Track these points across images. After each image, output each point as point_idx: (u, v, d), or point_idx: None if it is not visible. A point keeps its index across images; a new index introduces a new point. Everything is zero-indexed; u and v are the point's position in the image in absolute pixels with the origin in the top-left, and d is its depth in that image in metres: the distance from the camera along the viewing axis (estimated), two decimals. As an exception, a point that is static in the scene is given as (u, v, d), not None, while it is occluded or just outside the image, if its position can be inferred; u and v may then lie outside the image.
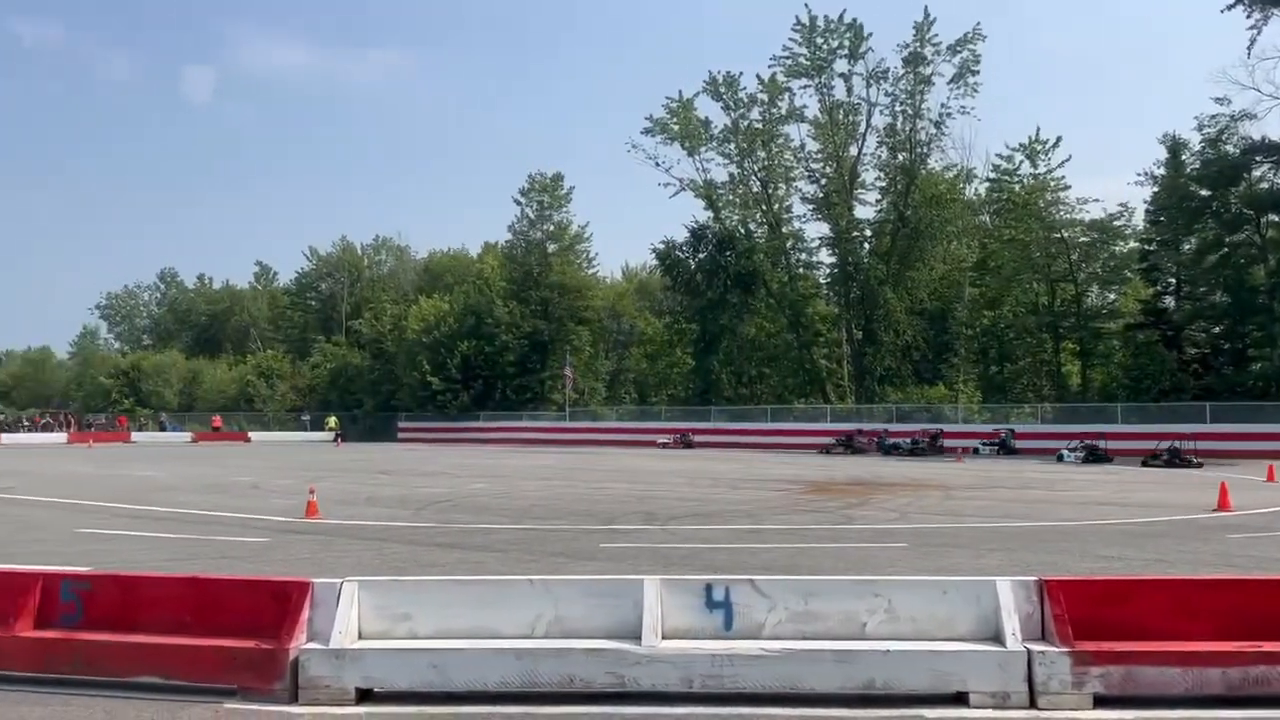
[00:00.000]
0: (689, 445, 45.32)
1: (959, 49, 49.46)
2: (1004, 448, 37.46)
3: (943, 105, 50.41)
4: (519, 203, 61.94)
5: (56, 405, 77.84)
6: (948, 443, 38.21)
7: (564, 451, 43.17)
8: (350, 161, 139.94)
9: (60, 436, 57.54)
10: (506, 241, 64.54)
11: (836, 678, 5.93)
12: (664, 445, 45.08)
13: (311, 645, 6.08)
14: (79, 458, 39.22)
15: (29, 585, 6.61)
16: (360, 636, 6.24)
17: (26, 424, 63.02)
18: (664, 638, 6.15)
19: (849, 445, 39.77)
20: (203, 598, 6.56)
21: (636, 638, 6.09)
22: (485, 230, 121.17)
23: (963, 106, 50.00)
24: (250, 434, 59.71)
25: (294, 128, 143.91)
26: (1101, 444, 32.99)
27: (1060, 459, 32.92)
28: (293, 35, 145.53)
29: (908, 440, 38.86)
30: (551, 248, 61.79)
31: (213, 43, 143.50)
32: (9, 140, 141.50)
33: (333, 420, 58.49)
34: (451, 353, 57.09)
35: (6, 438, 55.17)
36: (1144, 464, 29.67)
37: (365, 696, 6.00)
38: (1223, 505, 16.95)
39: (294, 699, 5.94)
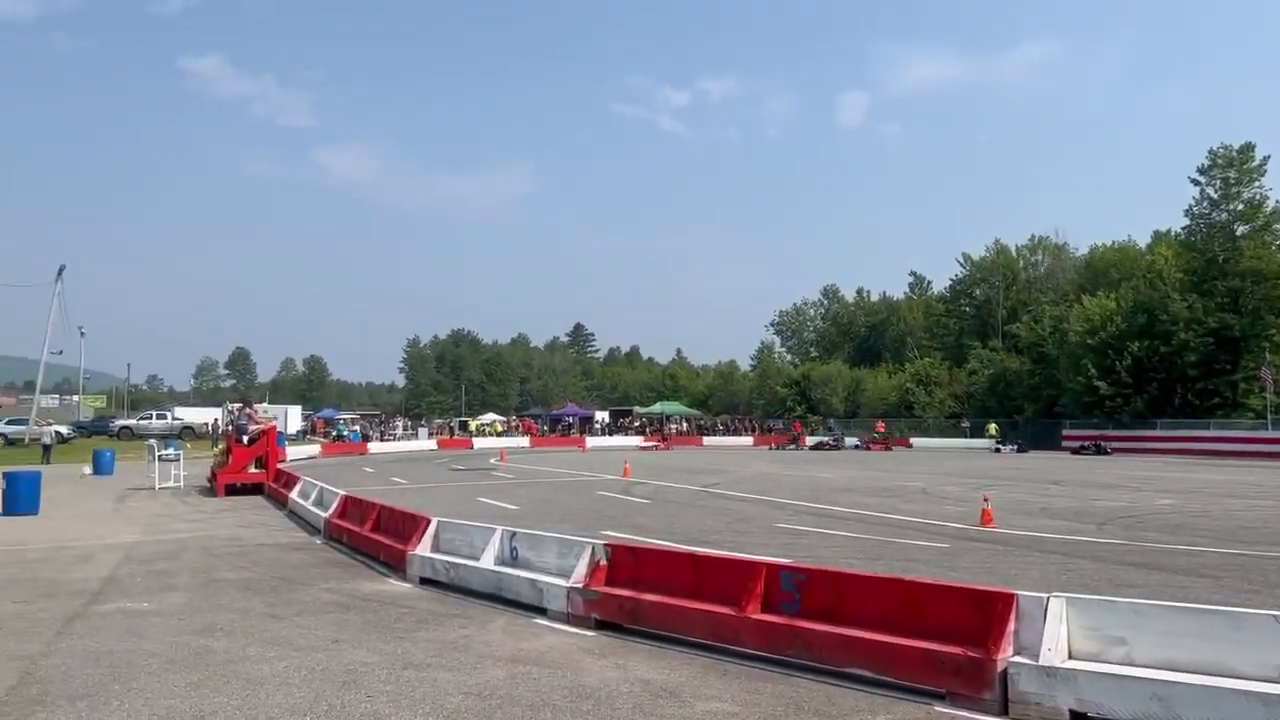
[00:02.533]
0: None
1: None
2: None
3: None
4: (1198, 183, 54.81)
5: (742, 411, 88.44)
6: None
7: (1268, 466, 37.09)
8: (1000, 163, 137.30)
9: (747, 439, 65.30)
10: (1183, 228, 57.56)
11: None
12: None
13: (1019, 659, 5.91)
14: (764, 458, 44.01)
15: (756, 573, 7.47)
16: (1069, 656, 5.92)
17: (720, 428, 72.68)
18: None
19: None
20: (905, 598, 6.78)
21: None
22: (1155, 218, 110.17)
23: None
24: (911, 439, 61.49)
25: (940, 137, 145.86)
26: None
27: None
28: (937, 46, 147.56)
29: None
30: (1241, 229, 53.59)
31: (863, 67, 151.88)
32: (699, 189, 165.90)
33: (992, 427, 57.62)
34: (1120, 354, 52.66)
35: (706, 440, 64.56)
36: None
37: (1078, 720, 5.67)
38: None
39: (1003, 711, 5.83)
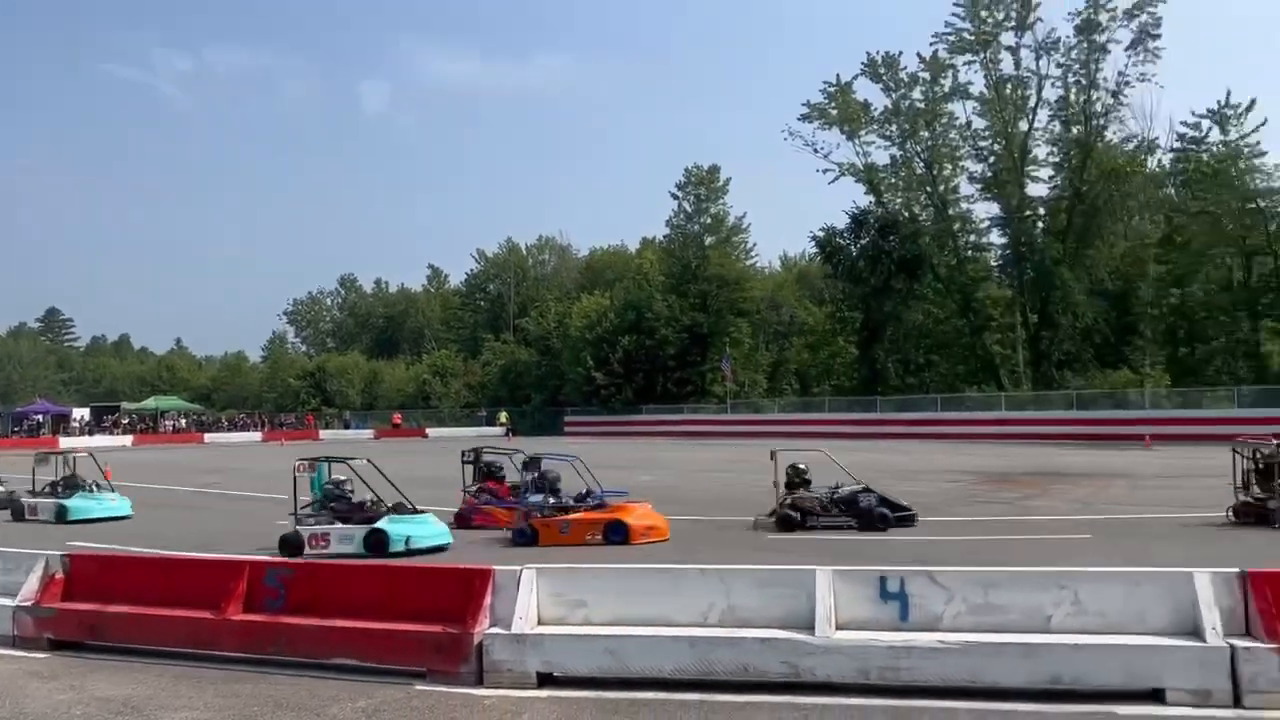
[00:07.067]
0: None
1: (1136, 12, 46.33)
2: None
3: (1120, 73, 47.33)
4: (676, 196, 62.25)
5: (251, 406, 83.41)
6: (1136, 429, 35.86)
7: (726, 445, 43.13)
8: (515, 164, 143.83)
9: (255, 435, 61.69)
10: (664, 236, 65.00)
11: (1020, 672, 5.74)
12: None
13: (494, 630, 6.33)
14: (274, 454, 41.94)
15: (239, 572, 7.16)
16: (539, 622, 6.45)
17: (226, 424, 67.86)
18: (838, 628, 6.09)
19: None
20: (393, 585, 6.94)
21: (810, 628, 6.06)
22: (644, 225, 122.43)
23: (1142, 74, 46.78)
24: (427, 430, 62.35)
25: (462, 134, 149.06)
26: None
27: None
28: (460, 46, 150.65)
29: None
30: (709, 240, 61.74)
31: (387, 57, 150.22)
32: (208, 160, 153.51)
33: (503, 415, 60.39)
34: (614, 348, 57.97)
35: (209, 437, 59.80)
36: None
37: (545, 680, 6.20)
38: None
39: (479, 682, 6.20)
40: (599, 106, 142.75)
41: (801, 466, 14.07)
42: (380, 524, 12.21)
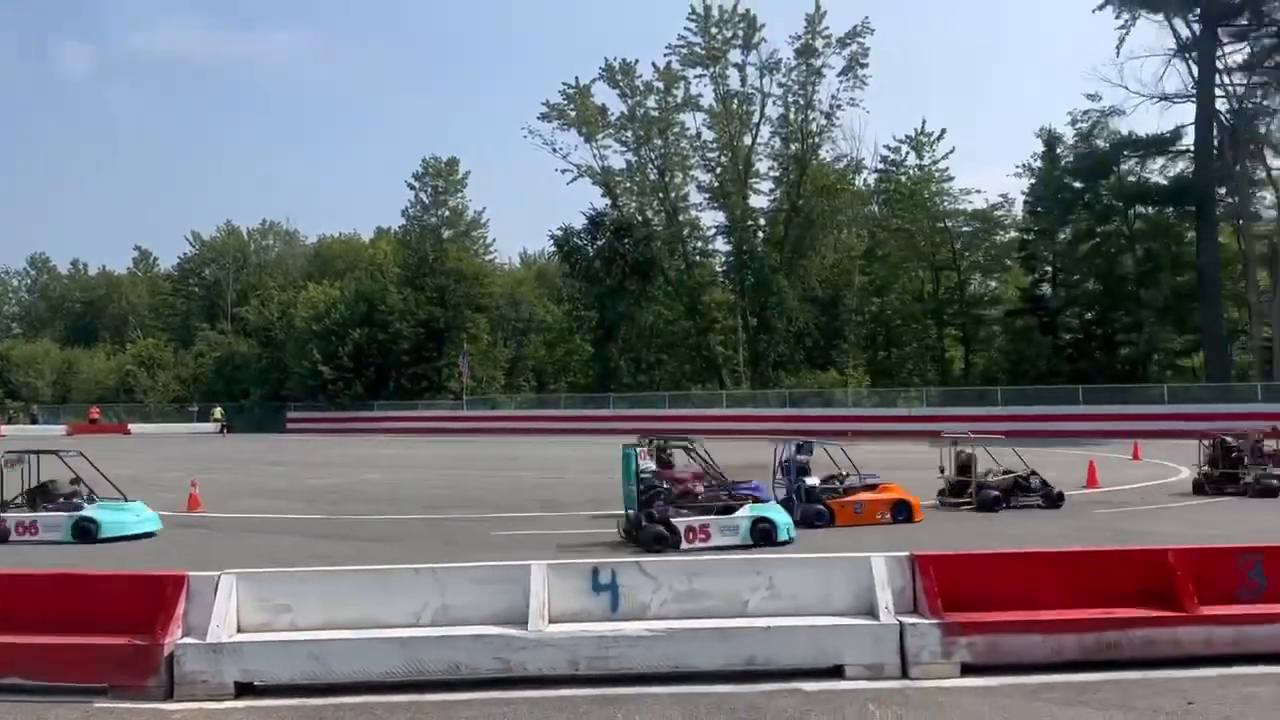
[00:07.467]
0: None
1: (848, 42, 50.37)
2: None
3: (833, 97, 51.32)
4: (413, 187, 60.90)
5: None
6: (841, 426, 38.94)
7: (461, 441, 42.73)
8: (236, 144, 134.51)
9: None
10: (400, 227, 63.35)
11: (719, 655, 6.08)
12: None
13: (187, 640, 5.93)
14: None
15: (-121, 587, 6.28)
16: (239, 629, 6.11)
17: (-119, 418, 59.17)
18: (551, 621, 6.19)
19: None
20: (73, 595, 6.33)
21: (524, 623, 6.12)
22: (378, 215, 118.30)
23: (852, 98, 50.95)
24: (130, 426, 57.24)
25: (176, 108, 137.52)
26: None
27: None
28: (179, 13, 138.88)
29: None
30: (447, 234, 60.85)
31: (94, 19, 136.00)
32: None
33: (218, 411, 56.48)
34: (343, 341, 55.74)
35: None
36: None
37: (244, 690, 5.89)
38: (1091, 483, 17.94)
39: (169, 695, 5.79)
40: (332, 88, 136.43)
41: (970, 452, 15.60)
42: (764, 512, 11.78)
